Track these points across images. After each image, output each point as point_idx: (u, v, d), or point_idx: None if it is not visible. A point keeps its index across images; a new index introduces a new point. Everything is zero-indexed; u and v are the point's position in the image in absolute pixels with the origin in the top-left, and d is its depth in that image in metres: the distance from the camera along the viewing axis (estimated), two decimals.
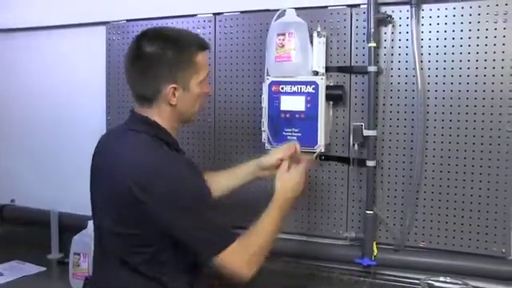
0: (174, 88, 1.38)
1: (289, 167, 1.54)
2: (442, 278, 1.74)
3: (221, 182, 1.66)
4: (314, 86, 1.77)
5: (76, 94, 2.40)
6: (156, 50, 1.36)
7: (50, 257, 2.25)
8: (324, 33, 1.81)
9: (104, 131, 2.25)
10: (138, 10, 2.18)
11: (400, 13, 1.76)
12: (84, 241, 1.94)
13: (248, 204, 1.71)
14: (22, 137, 2.56)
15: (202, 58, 1.43)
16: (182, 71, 1.39)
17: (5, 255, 2.21)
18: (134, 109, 1.46)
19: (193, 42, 1.42)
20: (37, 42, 2.48)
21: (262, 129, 1.85)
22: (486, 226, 1.70)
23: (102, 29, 2.28)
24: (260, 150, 1.85)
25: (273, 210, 1.45)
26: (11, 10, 2.49)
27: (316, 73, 1.79)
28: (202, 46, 1.44)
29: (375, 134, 1.78)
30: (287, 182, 1.51)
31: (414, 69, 1.73)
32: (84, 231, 1.97)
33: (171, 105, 1.40)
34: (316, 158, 1.77)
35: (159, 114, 1.41)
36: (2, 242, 2.43)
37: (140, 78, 1.40)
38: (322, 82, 1.77)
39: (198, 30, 2.05)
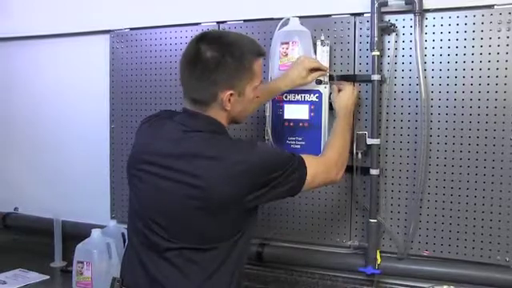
0: (231, 94, 1.38)
1: (338, 89, 1.77)
2: (445, 287, 1.73)
3: None
4: (317, 95, 1.78)
5: (79, 102, 2.40)
6: (216, 55, 1.36)
7: (53, 265, 2.25)
8: (328, 41, 1.82)
9: (107, 140, 2.29)
10: (141, 19, 2.19)
11: (403, 21, 1.77)
12: (87, 249, 1.93)
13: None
14: (24, 145, 2.57)
15: (259, 64, 1.45)
16: (240, 78, 1.39)
17: (8, 263, 2.20)
18: (187, 108, 1.44)
19: (252, 49, 1.43)
20: (38, 51, 2.49)
21: (266, 137, 1.85)
22: (490, 235, 1.70)
23: (106, 37, 2.28)
24: None
25: (339, 125, 1.69)
26: (12, 19, 2.50)
27: (319, 81, 1.79)
28: (260, 53, 1.45)
29: (379, 143, 1.78)
30: (343, 97, 1.74)
31: (418, 77, 1.73)
32: (87, 240, 1.96)
33: (225, 109, 1.41)
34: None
35: (214, 116, 1.42)
36: (5, 250, 2.43)
37: (197, 82, 1.39)
38: (325, 90, 1.77)
39: None
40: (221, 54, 1.36)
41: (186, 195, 1.35)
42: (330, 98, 1.78)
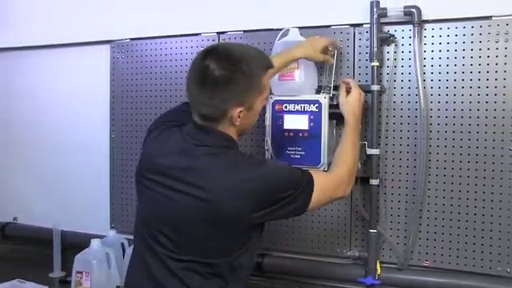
0: (240, 111, 1.37)
1: (347, 91, 1.71)
2: None
3: None
4: (317, 105, 1.78)
5: (79, 112, 2.41)
6: (225, 73, 1.34)
7: (51, 275, 2.23)
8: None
9: (107, 149, 2.29)
10: (142, 29, 2.20)
11: (403, 32, 1.78)
12: (86, 259, 1.93)
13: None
14: (24, 154, 2.57)
15: (267, 77, 1.44)
16: (250, 95, 1.38)
17: (6, 274, 2.19)
18: (197, 121, 1.43)
19: (260, 63, 1.41)
20: (40, 61, 2.50)
21: (266, 147, 1.85)
22: (490, 246, 1.70)
23: (107, 47, 2.29)
24: None
25: (349, 135, 1.64)
26: (14, 29, 2.51)
27: (319, 89, 1.79)
28: (268, 66, 1.44)
29: (378, 153, 1.78)
30: (352, 103, 1.68)
31: (417, 88, 1.73)
32: (86, 249, 1.96)
33: (234, 125, 1.40)
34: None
35: (224, 131, 1.42)
36: (4, 260, 2.42)
37: (207, 99, 1.37)
38: (325, 100, 1.77)
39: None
40: (231, 72, 1.34)
41: (193, 207, 1.35)
42: (331, 108, 1.77)
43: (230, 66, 1.35)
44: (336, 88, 1.80)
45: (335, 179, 1.54)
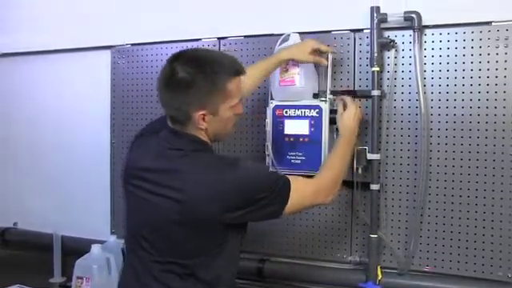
0: (204, 114, 1.39)
1: (344, 106, 1.72)
2: None
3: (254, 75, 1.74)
4: (317, 110, 1.78)
5: (80, 117, 2.41)
6: (187, 76, 1.36)
7: (52, 281, 2.24)
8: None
9: (108, 155, 2.29)
10: (142, 34, 2.21)
11: (403, 37, 1.78)
12: (87, 264, 1.93)
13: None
14: (24, 160, 2.57)
15: (234, 84, 1.42)
16: (211, 98, 1.39)
17: (6, 279, 2.20)
18: (169, 125, 1.47)
19: (226, 68, 1.41)
20: (40, 66, 2.51)
21: (266, 153, 1.85)
22: (491, 251, 1.70)
23: (107, 53, 2.30)
24: None
25: (341, 146, 1.65)
26: (15, 34, 2.52)
27: (316, 95, 1.80)
28: (236, 72, 1.43)
29: (379, 158, 1.78)
30: (347, 119, 1.69)
31: (418, 93, 1.74)
32: (87, 255, 1.96)
33: (201, 128, 1.42)
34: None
35: (195, 134, 1.43)
36: (4, 265, 2.42)
37: (171, 102, 1.41)
38: (325, 105, 1.77)
39: None
40: (192, 75, 1.36)
41: (169, 209, 1.37)
42: (331, 113, 1.77)
43: (192, 69, 1.37)
44: (334, 93, 1.80)
45: (316, 185, 1.54)
